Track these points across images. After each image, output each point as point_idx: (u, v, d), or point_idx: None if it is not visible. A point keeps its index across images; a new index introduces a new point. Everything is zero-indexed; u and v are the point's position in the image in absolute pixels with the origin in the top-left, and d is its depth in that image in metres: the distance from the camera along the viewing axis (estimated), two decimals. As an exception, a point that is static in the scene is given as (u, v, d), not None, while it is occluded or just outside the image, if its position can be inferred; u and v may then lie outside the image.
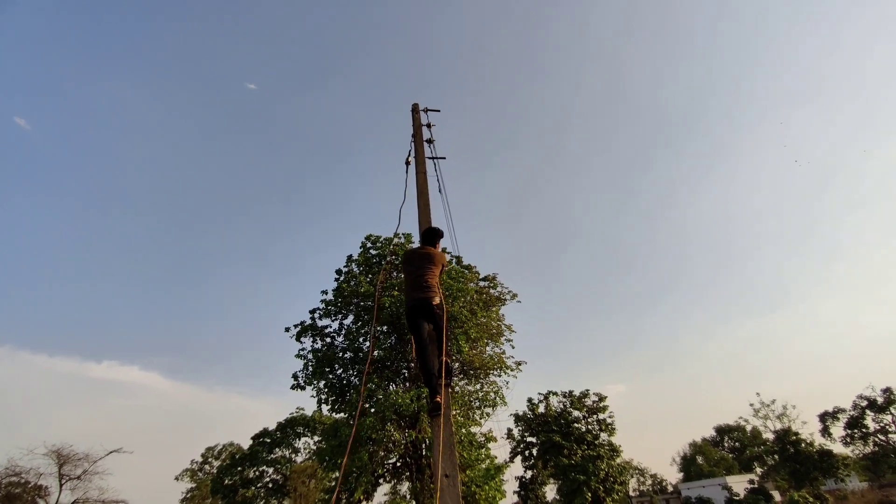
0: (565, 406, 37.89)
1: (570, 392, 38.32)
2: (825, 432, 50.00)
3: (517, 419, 38.47)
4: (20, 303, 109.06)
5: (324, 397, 15.57)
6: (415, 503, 14.82)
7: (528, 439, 38.09)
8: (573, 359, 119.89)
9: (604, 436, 35.96)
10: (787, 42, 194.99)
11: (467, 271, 17.36)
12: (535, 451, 37.30)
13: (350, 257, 17.43)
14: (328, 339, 16.54)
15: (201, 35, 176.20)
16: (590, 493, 32.02)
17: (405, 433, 14.47)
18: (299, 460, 35.93)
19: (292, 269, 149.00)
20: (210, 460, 47.64)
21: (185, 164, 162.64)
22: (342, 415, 16.13)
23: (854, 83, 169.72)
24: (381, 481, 15.44)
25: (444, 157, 7.01)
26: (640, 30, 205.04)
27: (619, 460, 35.25)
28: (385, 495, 16.57)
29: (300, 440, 35.54)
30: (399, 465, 15.54)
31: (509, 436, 38.49)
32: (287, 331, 16.53)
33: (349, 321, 16.58)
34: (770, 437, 52.25)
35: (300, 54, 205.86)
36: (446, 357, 4.14)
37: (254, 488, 34.40)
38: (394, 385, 15.65)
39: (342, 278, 17.05)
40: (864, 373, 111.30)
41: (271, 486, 34.99)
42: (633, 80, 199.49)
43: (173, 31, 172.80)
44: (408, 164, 6.40)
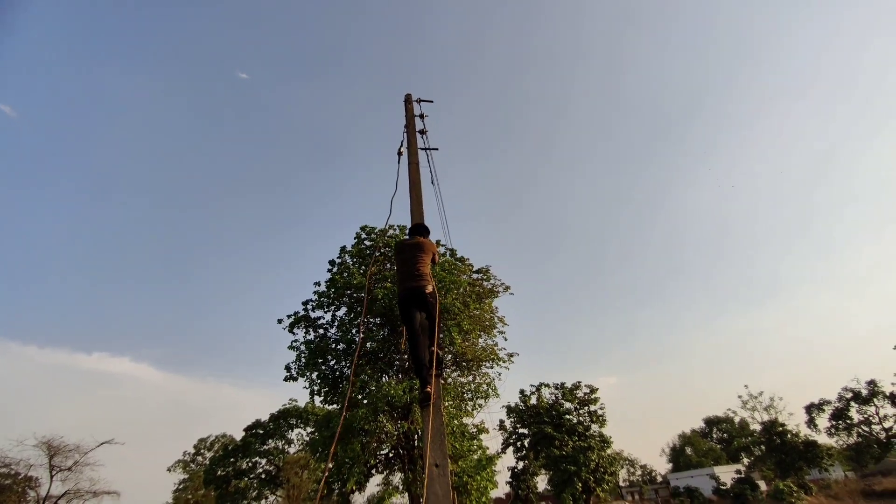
0: (557, 398, 38.25)
1: (562, 384, 38.69)
2: (811, 423, 51.04)
3: (509, 411, 38.81)
4: (8, 293, 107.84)
5: (316, 388, 15.57)
6: (407, 494, 14.94)
7: (520, 430, 38.45)
8: (565, 351, 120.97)
9: (595, 427, 36.42)
10: (785, 36, 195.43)
11: (460, 263, 17.35)
12: (526, 443, 37.66)
13: (343, 248, 17.35)
14: (321, 331, 16.54)
15: (192, 24, 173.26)
16: (580, 484, 32.47)
17: (397, 424, 14.55)
18: (292, 451, 36.03)
19: (286, 261, 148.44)
20: (202, 452, 47.56)
21: (175, 153, 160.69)
22: (335, 406, 16.17)
23: (850, 78, 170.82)
24: (373, 472, 15.53)
25: (437, 149, 6.98)
26: (637, 22, 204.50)
27: (609, 451, 35.69)
28: (377, 486, 16.64)
29: (293, 431, 35.60)
30: (391, 455, 15.63)
31: (501, 427, 38.81)
32: (280, 322, 16.51)
33: (342, 313, 16.56)
34: (757, 428, 53.15)
35: (292, 43, 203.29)
36: (437, 348, 4.14)
37: (246, 479, 34.47)
38: (386, 377, 15.70)
39: (335, 270, 16.98)
40: (852, 365, 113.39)
41: (264, 476, 35.08)
42: (630, 73, 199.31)
43: (163, 16, 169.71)
44: (400, 154, 6.36)
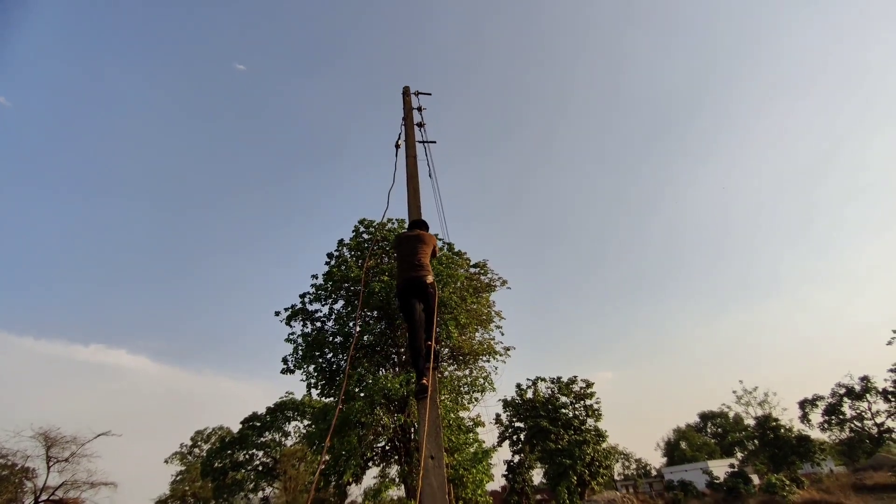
0: (553, 392, 38.47)
1: (558, 378, 38.90)
2: (804, 419, 51.51)
3: (505, 404, 39.00)
4: (4, 284, 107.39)
5: (313, 381, 15.59)
6: (403, 486, 15.03)
7: (516, 424, 38.63)
8: (562, 346, 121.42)
9: (590, 421, 36.65)
10: (786, 33, 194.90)
11: (458, 257, 17.37)
12: (522, 436, 37.86)
13: (341, 241, 17.33)
14: (318, 324, 16.53)
15: (189, 15, 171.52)
16: (575, 477, 32.72)
17: (394, 417, 14.60)
18: (289, 444, 36.17)
19: (284, 254, 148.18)
20: (199, 444, 47.65)
21: (173, 146, 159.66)
22: (331, 399, 16.22)
23: (852, 76, 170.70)
24: (369, 464, 15.62)
25: (435, 142, 6.96)
26: (638, 18, 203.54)
27: (604, 445, 35.92)
28: (374, 478, 16.73)
29: (290, 424, 35.72)
30: (388, 448, 15.72)
31: (497, 420, 39.01)
32: (277, 315, 16.49)
33: (339, 306, 16.57)
34: (751, 423, 53.61)
35: (290, 35, 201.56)
36: (434, 343, 4.14)
37: (243, 471, 34.64)
38: (383, 370, 15.73)
39: (333, 263, 16.97)
40: (846, 362, 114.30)
41: (261, 468, 35.25)
42: (631, 70, 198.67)
43: (159, 4, 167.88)
44: (398, 147, 6.32)
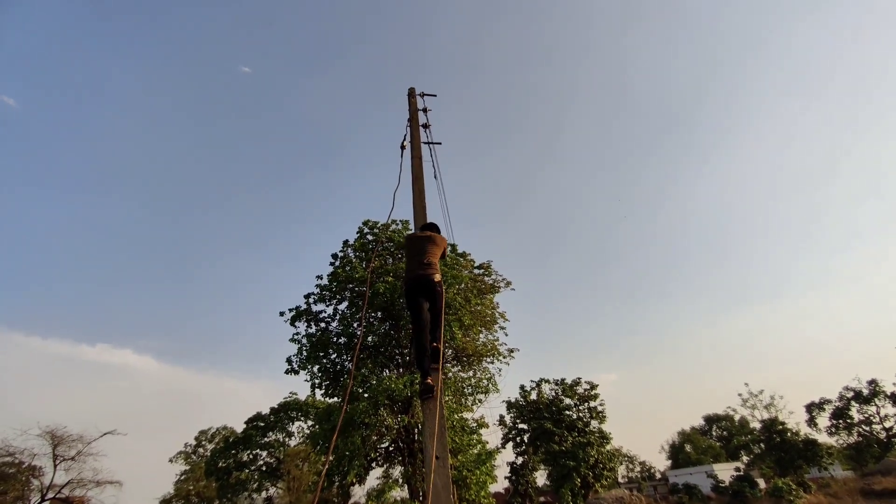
0: (557, 394, 38.32)
1: (562, 380, 38.73)
2: (811, 422, 50.96)
3: (509, 406, 38.88)
4: (12, 284, 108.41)
5: (317, 382, 15.61)
6: (406, 487, 15.03)
7: (520, 426, 38.52)
8: (566, 347, 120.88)
9: (594, 423, 36.47)
10: (790, 31, 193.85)
11: (462, 258, 17.37)
12: (526, 438, 37.74)
13: (346, 242, 17.37)
14: (322, 325, 16.56)
15: (194, 16, 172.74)
16: (579, 479, 32.57)
17: (398, 418, 14.61)
18: (293, 444, 36.24)
19: (289, 255, 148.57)
20: (204, 443, 47.81)
21: (177, 146, 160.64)
22: (335, 399, 16.24)
23: (862, 76, 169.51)
24: (373, 465, 15.62)
25: (440, 143, 6.98)
26: (641, 17, 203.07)
27: (608, 447, 35.75)
28: (377, 479, 16.74)
29: (294, 424, 35.79)
30: (391, 449, 15.72)
31: (501, 422, 38.85)
32: (282, 315, 16.53)
33: (344, 307, 16.57)
34: (757, 426, 53.16)
35: (296, 37, 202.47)
36: (439, 344, 4.14)
37: (247, 471, 34.75)
38: (387, 371, 15.75)
39: (338, 263, 17.01)
40: (854, 365, 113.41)
41: (265, 468, 35.35)
42: (634, 69, 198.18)
43: (165, 6, 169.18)
44: (403, 148, 6.35)
